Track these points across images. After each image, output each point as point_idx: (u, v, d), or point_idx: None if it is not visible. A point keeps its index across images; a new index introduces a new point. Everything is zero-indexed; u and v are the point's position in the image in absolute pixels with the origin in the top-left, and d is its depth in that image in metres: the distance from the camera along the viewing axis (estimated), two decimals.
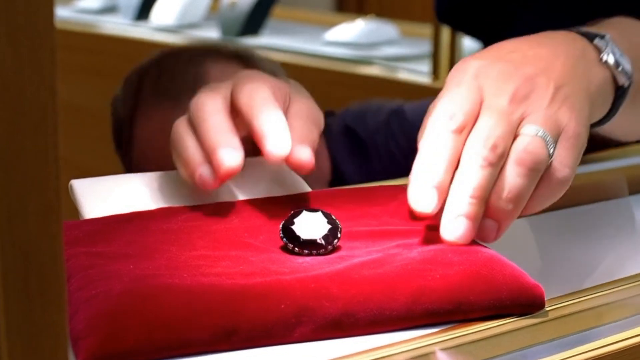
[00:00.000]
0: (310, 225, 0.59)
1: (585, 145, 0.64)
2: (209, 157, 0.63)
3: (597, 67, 0.69)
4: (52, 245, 0.41)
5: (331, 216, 0.60)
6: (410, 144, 1.10)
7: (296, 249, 0.59)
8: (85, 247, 0.57)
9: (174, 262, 0.56)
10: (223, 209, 0.64)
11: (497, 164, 0.59)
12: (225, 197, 0.66)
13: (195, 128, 0.65)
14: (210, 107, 0.65)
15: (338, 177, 1.11)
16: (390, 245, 0.59)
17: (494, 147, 0.59)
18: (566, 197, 0.66)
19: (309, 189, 0.69)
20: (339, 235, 0.60)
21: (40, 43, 0.39)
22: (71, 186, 0.65)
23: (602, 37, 0.71)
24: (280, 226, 0.60)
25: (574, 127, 0.63)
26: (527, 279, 0.57)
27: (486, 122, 0.60)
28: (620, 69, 0.69)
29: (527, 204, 0.61)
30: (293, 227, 0.60)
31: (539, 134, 0.60)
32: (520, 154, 0.59)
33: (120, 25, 2.50)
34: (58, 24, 1.88)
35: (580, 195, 0.85)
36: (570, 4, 1.79)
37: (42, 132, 0.40)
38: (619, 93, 0.70)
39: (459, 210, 0.58)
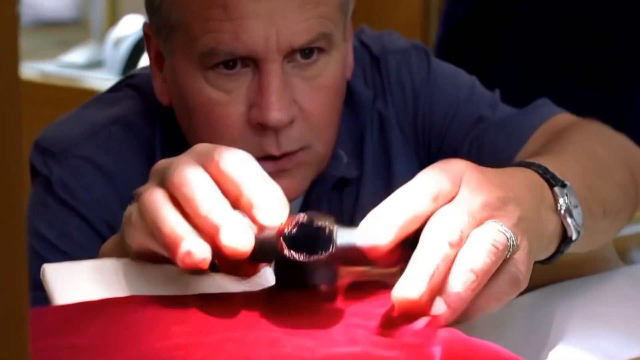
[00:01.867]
0: (309, 234, 0.59)
1: (526, 280, 0.64)
2: (206, 236, 0.58)
3: (552, 215, 0.71)
4: (18, 347, 0.39)
5: (326, 220, 0.59)
6: (423, 89, 1.06)
7: (301, 255, 0.58)
8: (54, 339, 0.55)
9: (147, 353, 0.54)
10: (197, 299, 0.62)
11: (457, 250, 0.60)
12: (204, 289, 0.63)
13: (183, 204, 0.60)
14: (198, 181, 0.60)
15: (348, 93, 1.03)
16: (372, 337, 0.57)
17: (458, 233, 0.60)
18: (554, 271, 0.64)
19: None
20: (335, 238, 0.59)
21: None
22: (43, 270, 0.63)
23: (563, 185, 0.73)
24: (280, 237, 0.58)
25: (524, 259, 0.63)
26: (509, 355, 0.55)
27: (454, 212, 0.61)
28: (571, 221, 0.72)
29: (482, 298, 0.60)
30: (293, 235, 0.58)
31: (503, 228, 0.61)
32: (485, 235, 0.60)
33: (105, 81, 2.50)
34: (42, 79, 1.86)
35: (568, 270, 0.84)
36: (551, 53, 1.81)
37: (8, 228, 0.38)
38: (566, 241, 0.72)
39: (420, 274, 0.58)
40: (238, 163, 0.60)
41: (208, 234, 0.58)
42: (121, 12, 3.29)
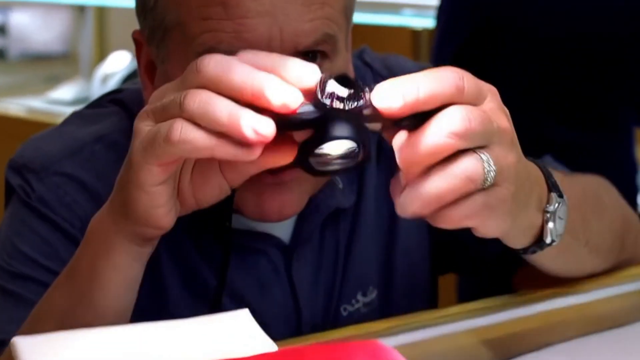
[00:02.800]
0: (343, 84, 0.63)
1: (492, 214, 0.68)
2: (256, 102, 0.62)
3: (538, 213, 0.74)
4: None
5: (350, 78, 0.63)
6: None
7: (339, 103, 0.62)
8: None
9: None
10: None
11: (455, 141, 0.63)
12: (185, 357, 0.61)
13: (222, 83, 0.63)
14: (227, 59, 0.64)
15: None
16: None
17: (465, 130, 0.63)
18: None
19: (275, 348, 0.64)
20: (364, 88, 0.63)
21: None
22: (13, 344, 0.60)
23: (560, 195, 0.76)
24: (318, 88, 0.62)
25: (505, 198, 0.67)
26: None
27: (470, 110, 0.64)
28: (551, 226, 0.75)
29: (451, 213, 0.65)
30: (328, 88, 0.62)
31: (488, 163, 0.64)
32: (463, 163, 0.64)
33: None
34: (28, 115, 1.80)
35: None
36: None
37: None
38: (538, 244, 0.76)
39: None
40: (250, 53, 0.65)
41: (255, 101, 0.62)
42: (109, 47, 3.27)
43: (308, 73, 0.63)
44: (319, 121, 0.63)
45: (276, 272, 0.91)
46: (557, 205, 0.75)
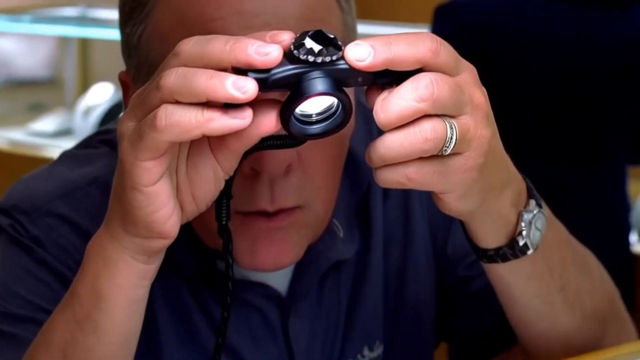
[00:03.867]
0: (319, 41, 0.63)
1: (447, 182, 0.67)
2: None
3: (514, 210, 0.73)
4: None
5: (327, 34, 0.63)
6: None
7: (316, 58, 0.62)
8: None
9: None
10: None
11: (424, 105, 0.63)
12: None
13: (203, 53, 0.63)
14: (203, 37, 0.64)
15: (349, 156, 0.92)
16: None
17: (431, 95, 0.62)
18: None
19: None
20: (339, 44, 0.63)
21: None
22: None
23: (539, 205, 0.74)
24: (292, 46, 0.62)
25: (471, 167, 0.65)
26: None
27: (450, 80, 0.63)
28: (525, 233, 0.73)
29: (406, 170, 0.64)
30: (305, 44, 0.62)
31: (451, 130, 0.63)
32: (430, 122, 0.63)
33: None
34: (9, 147, 1.75)
35: None
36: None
37: None
38: (511, 247, 0.73)
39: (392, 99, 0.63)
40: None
41: (235, 61, 0.62)
42: (93, 73, 3.25)
43: (284, 33, 0.63)
44: (296, 78, 0.63)
45: (271, 328, 0.86)
46: (535, 212, 0.73)
